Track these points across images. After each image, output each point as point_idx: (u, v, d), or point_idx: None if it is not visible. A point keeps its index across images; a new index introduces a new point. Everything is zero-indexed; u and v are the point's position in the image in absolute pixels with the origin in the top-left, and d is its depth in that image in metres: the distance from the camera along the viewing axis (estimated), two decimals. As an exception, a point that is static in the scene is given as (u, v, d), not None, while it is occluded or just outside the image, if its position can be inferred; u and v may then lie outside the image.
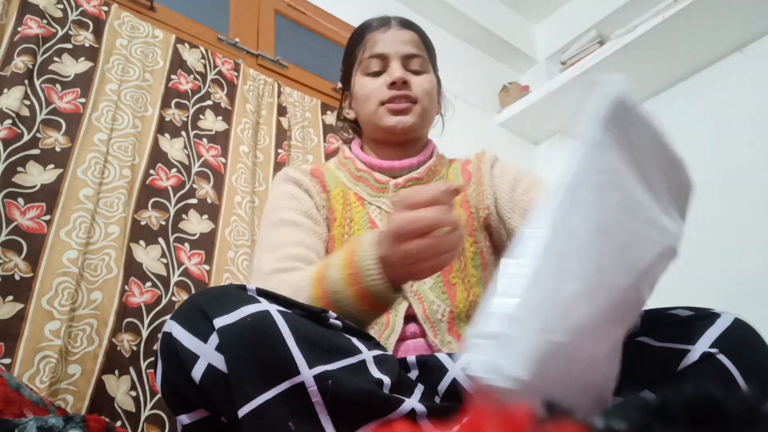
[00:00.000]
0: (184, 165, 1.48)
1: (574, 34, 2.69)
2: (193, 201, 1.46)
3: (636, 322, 0.58)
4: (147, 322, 1.24)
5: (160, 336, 0.59)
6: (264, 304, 0.56)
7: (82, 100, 1.36)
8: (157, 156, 1.45)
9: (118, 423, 1.11)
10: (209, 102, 1.62)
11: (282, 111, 1.77)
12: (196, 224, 1.44)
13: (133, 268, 1.27)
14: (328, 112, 1.88)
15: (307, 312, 0.60)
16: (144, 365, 1.20)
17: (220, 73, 1.68)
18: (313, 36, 2.13)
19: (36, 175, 1.23)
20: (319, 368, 0.53)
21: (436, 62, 1.04)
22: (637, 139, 0.48)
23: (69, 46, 1.41)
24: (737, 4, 2.05)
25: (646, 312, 0.60)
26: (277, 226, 0.90)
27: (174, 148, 1.49)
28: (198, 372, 0.54)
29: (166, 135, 1.49)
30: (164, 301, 1.29)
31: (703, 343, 0.52)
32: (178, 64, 1.60)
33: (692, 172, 0.54)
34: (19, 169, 1.21)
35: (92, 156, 1.31)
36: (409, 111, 0.93)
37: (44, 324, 1.09)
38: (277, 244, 0.87)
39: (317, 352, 0.55)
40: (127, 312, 1.22)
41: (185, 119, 1.55)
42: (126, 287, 1.24)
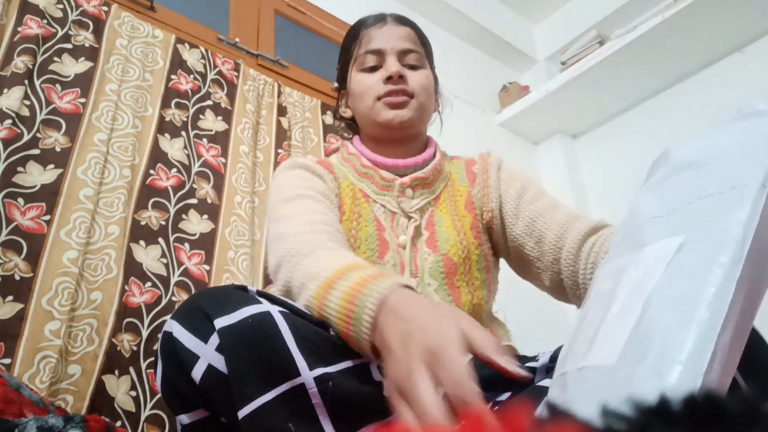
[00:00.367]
0: (184, 165, 1.48)
1: (574, 34, 2.69)
2: (193, 201, 1.46)
3: None
4: (147, 322, 1.24)
5: (160, 336, 0.59)
6: (265, 305, 0.56)
7: (82, 100, 1.36)
8: (157, 156, 1.45)
9: (118, 423, 1.11)
10: (209, 102, 1.62)
11: (282, 111, 1.77)
12: (196, 224, 1.44)
13: (133, 268, 1.27)
14: (328, 112, 1.88)
15: (308, 314, 0.60)
16: (144, 365, 1.20)
17: (220, 73, 1.68)
18: (313, 36, 2.12)
19: (36, 175, 1.23)
20: (320, 370, 0.53)
21: (432, 59, 1.03)
22: None
23: (69, 46, 1.41)
24: (737, 4, 2.05)
25: None
26: (294, 199, 0.85)
27: (174, 148, 1.49)
28: (198, 372, 0.54)
29: (166, 135, 1.49)
30: (164, 301, 1.29)
31: None
32: (178, 64, 1.60)
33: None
34: (19, 169, 1.21)
35: (92, 156, 1.31)
36: (406, 105, 0.91)
37: (44, 324, 1.09)
38: (299, 212, 0.81)
39: (318, 353, 0.54)
40: (127, 312, 1.21)
41: (185, 119, 1.55)
42: (126, 287, 1.24)
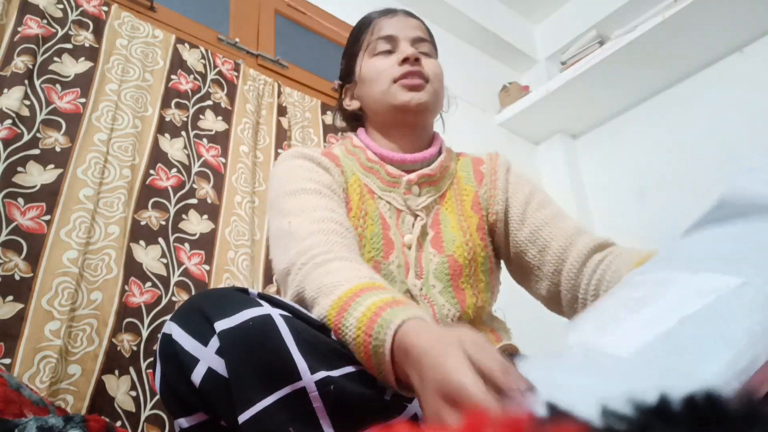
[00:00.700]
0: (184, 165, 1.48)
1: (574, 34, 2.69)
2: (193, 201, 1.46)
3: None
4: (147, 322, 1.24)
5: (159, 337, 0.59)
6: (266, 308, 0.56)
7: (82, 100, 1.36)
8: (157, 156, 1.45)
9: (118, 423, 1.11)
10: (209, 102, 1.62)
11: (282, 111, 1.77)
12: (196, 224, 1.44)
13: (133, 268, 1.27)
14: (328, 112, 1.88)
15: (309, 317, 0.60)
16: (144, 365, 1.20)
17: (220, 73, 1.68)
18: (313, 36, 2.12)
19: (36, 175, 1.23)
20: (321, 373, 0.53)
21: (437, 56, 1.03)
22: None
23: (69, 46, 1.41)
24: (737, 4, 2.05)
25: None
26: (299, 193, 0.81)
27: (174, 148, 1.49)
28: (198, 375, 0.54)
29: (166, 135, 1.49)
30: (164, 301, 1.29)
31: None
32: (178, 64, 1.60)
33: (693, 172, 0.54)
34: (19, 169, 1.21)
35: (92, 156, 1.31)
36: (423, 88, 0.90)
37: (44, 324, 1.09)
38: (306, 209, 0.77)
39: (319, 357, 0.54)
40: (127, 312, 1.21)
41: (185, 119, 1.55)
42: (126, 287, 1.24)
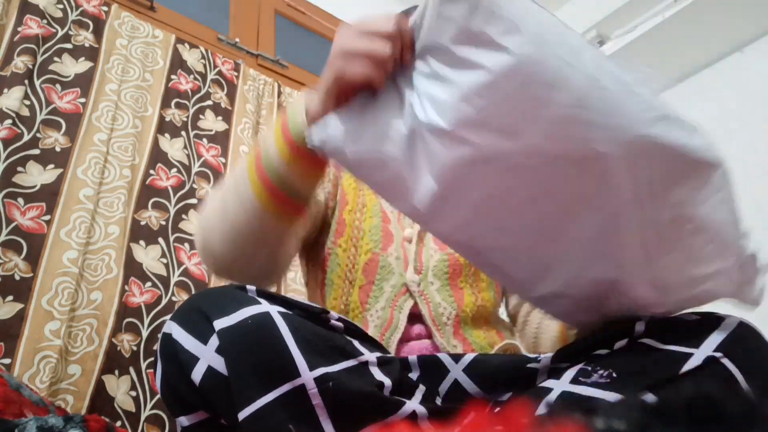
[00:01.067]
0: (184, 165, 1.48)
1: (574, 34, 2.68)
2: (193, 201, 1.46)
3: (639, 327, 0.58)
4: (147, 322, 1.24)
5: (159, 337, 0.59)
6: (264, 306, 0.56)
7: (82, 100, 1.36)
8: (157, 156, 1.45)
9: (118, 423, 1.11)
10: (209, 102, 1.62)
11: (282, 111, 1.77)
12: (196, 224, 1.44)
13: (133, 268, 1.27)
14: (328, 112, 1.88)
15: (308, 313, 0.60)
16: (144, 365, 1.20)
17: (220, 73, 1.68)
18: (313, 36, 2.12)
19: (36, 175, 1.23)
20: (320, 370, 0.53)
21: None
22: None
23: (69, 46, 1.41)
24: (737, 4, 2.05)
25: (651, 316, 0.60)
26: None
27: (174, 148, 1.49)
28: (198, 374, 0.54)
29: (166, 135, 1.49)
30: (164, 301, 1.29)
31: (707, 347, 0.51)
32: (178, 64, 1.60)
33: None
34: (19, 169, 1.21)
35: (92, 156, 1.31)
36: None
37: (44, 324, 1.09)
38: None
39: (318, 353, 0.54)
40: (127, 312, 1.22)
41: (185, 119, 1.55)
42: (126, 287, 1.24)
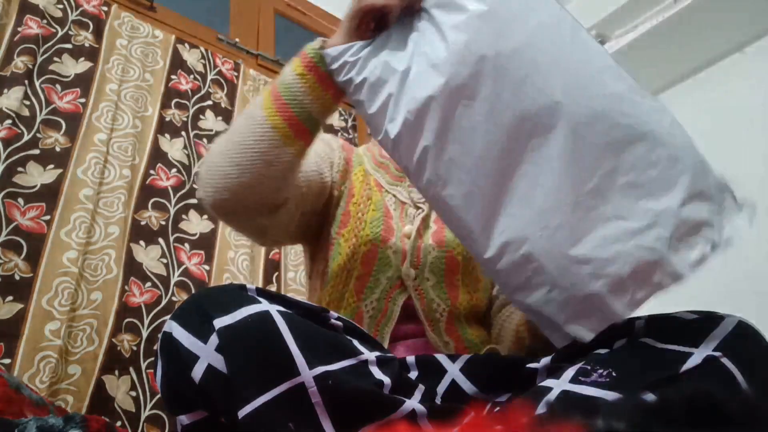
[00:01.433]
0: (184, 165, 1.48)
1: (574, 34, 2.68)
2: (193, 201, 1.46)
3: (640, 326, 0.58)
4: (147, 322, 1.24)
5: (160, 336, 0.59)
6: (264, 305, 0.56)
7: (82, 100, 1.36)
8: (157, 156, 1.45)
9: (118, 423, 1.11)
10: (209, 102, 1.62)
11: (282, 111, 1.77)
12: (196, 224, 1.44)
13: (133, 268, 1.27)
14: (328, 112, 1.88)
15: (308, 312, 0.60)
16: (144, 365, 1.20)
17: (220, 73, 1.68)
18: (313, 36, 2.12)
19: (36, 175, 1.23)
20: (320, 369, 0.53)
21: None
22: None
23: (69, 46, 1.41)
24: (737, 4, 2.05)
25: (651, 315, 0.60)
26: None
27: (174, 148, 1.49)
28: (198, 372, 0.54)
29: (166, 135, 1.49)
30: (164, 301, 1.29)
31: (707, 347, 0.52)
32: (178, 64, 1.60)
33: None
34: (19, 169, 1.21)
35: (92, 156, 1.31)
36: None
37: (44, 324, 1.09)
38: None
39: (317, 352, 0.54)
40: (127, 312, 1.22)
41: (185, 119, 1.55)
42: (126, 287, 1.24)
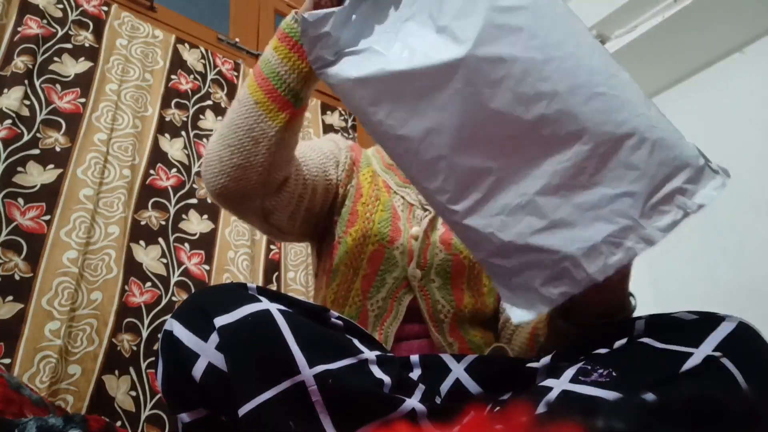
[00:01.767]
0: (184, 165, 1.48)
1: (574, 35, 2.68)
2: (193, 201, 1.46)
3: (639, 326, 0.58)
4: (147, 322, 1.24)
5: (160, 335, 0.59)
6: (265, 303, 0.56)
7: (82, 100, 1.36)
8: (157, 156, 1.45)
9: (118, 423, 1.11)
10: (209, 102, 1.62)
11: (282, 111, 1.77)
12: (196, 224, 1.44)
13: (133, 268, 1.27)
14: (328, 112, 1.88)
15: (308, 311, 0.60)
16: (144, 365, 1.20)
17: (220, 73, 1.68)
18: (313, 36, 2.12)
19: (36, 175, 1.23)
20: (320, 367, 0.53)
21: None
22: None
23: (69, 46, 1.41)
24: (737, 4, 2.05)
25: (651, 315, 0.60)
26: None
27: (174, 148, 1.49)
28: (198, 371, 0.54)
29: (166, 135, 1.49)
30: (164, 301, 1.29)
31: (707, 347, 0.52)
32: (178, 64, 1.60)
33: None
34: (19, 169, 1.21)
35: (92, 156, 1.31)
36: None
37: (44, 324, 1.09)
38: None
39: (318, 351, 0.55)
40: (127, 312, 1.22)
41: (185, 119, 1.55)
42: (126, 287, 1.24)
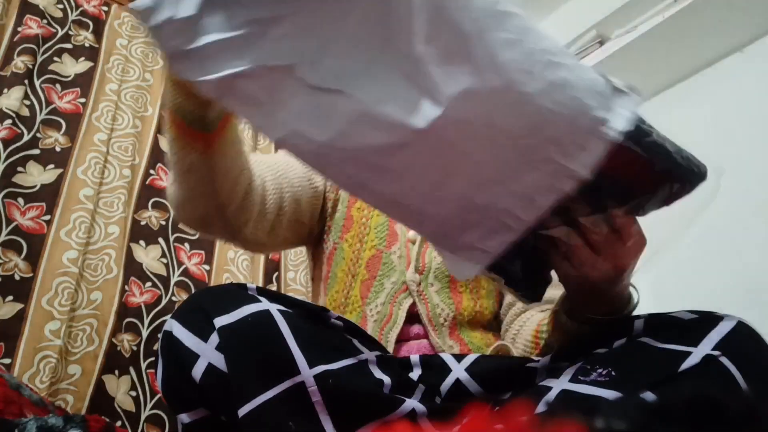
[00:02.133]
0: (184, 165, 1.48)
1: (574, 34, 2.68)
2: (193, 201, 1.46)
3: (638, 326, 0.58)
4: (147, 322, 1.24)
5: (160, 335, 0.59)
6: (265, 304, 0.56)
7: (82, 100, 1.36)
8: (157, 156, 1.45)
9: (118, 423, 1.11)
10: (209, 102, 1.62)
11: (282, 111, 1.78)
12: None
13: (133, 268, 1.27)
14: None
15: (308, 311, 0.60)
16: (144, 365, 1.20)
17: (220, 73, 1.69)
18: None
19: (36, 175, 1.23)
20: (320, 368, 0.53)
21: None
22: None
23: (69, 46, 1.41)
24: (737, 4, 2.05)
25: (650, 315, 0.60)
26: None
27: (174, 148, 1.49)
28: (198, 371, 0.54)
29: (167, 135, 1.49)
30: (164, 301, 1.29)
31: (706, 346, 0.52)
32: (178, 64, 1.60)
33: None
34: (19, 169, 1.21)
35: (92, 156, 1.31)
36: None
37: (44, 324, 1.09)
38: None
39: (318, 351, 0.55)
40: (127, 312, 1.22)
41: (185, 119, 1.55)
42: (126, 287, 1.24)
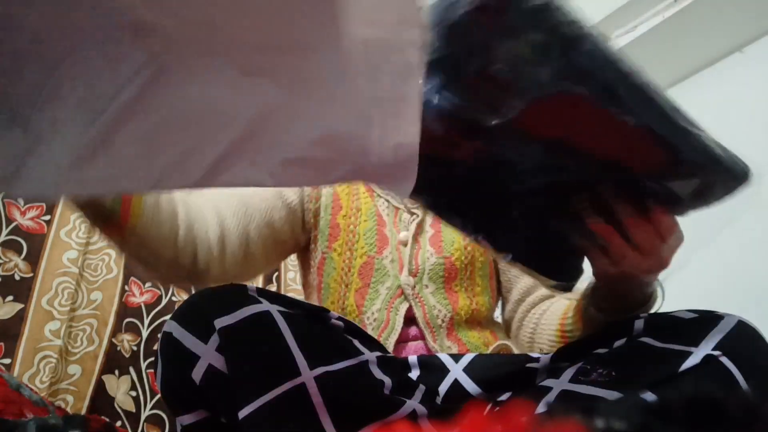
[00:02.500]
0: (184, 165, 1.48)
1: (573, 34, 2.68)
2: (193, 201, 1.46)
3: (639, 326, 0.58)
4: (147, 322, 1.24)
5: (160, 336, 0.59)
6: (265, 305, 0.56)
7: (82, 100, 1.36)
8: (157, 156, 1.45)
9: (118, 423, 1.11)
10: (209, 102, 1.62)
11: (282, 111, 1.78)
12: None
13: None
14: (328, 112, 1.88)
15: (308, 312, 0.60)
16: (144, 365, 1.20)
17: (220, 73, 1.68)
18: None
19: (36, 175, 1.23)
20: (321, 369, 0.53)
21: None
22: None
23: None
24: (737, 4, 2.05)
25: (650, 314, 0.60)
26: None
27: (174, 148, 1.49)
28: (198, 372, 0.54)
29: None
30: (164, 301, 1.29)
31: (706, 346, 0.52)
32: (178, 64, 1.60)
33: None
34: (19, 169, 1.21)
35: (92, 156, 1.31)
36: None
37: (44, 324, 1.09)
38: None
39: (318, 352, 0.54)
40: (127, 312, 1.22)
41: (185, 119, 1.55)
42: (126, 287, 1.24)
